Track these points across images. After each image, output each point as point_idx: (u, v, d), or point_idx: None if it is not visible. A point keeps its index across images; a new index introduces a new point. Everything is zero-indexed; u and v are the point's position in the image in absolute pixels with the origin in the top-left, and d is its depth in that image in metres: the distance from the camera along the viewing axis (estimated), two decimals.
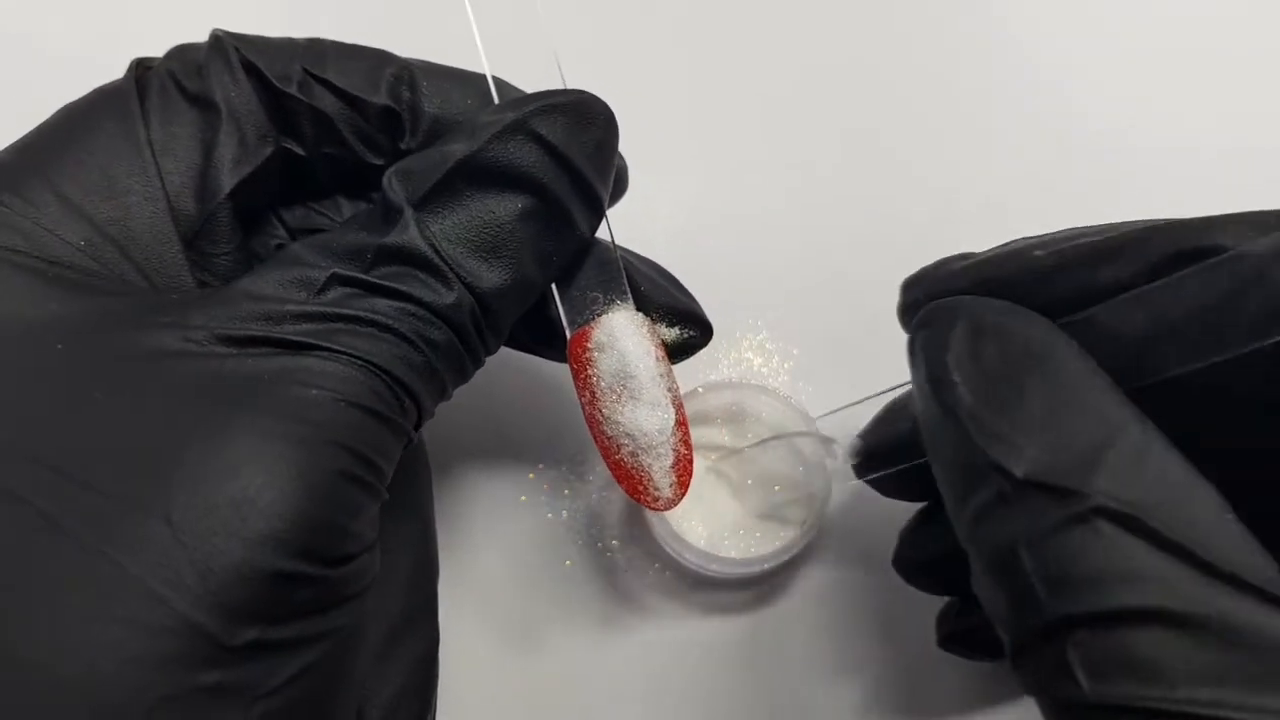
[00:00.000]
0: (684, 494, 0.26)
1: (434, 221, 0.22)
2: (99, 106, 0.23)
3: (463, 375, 0.24)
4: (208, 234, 0.23)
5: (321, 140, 0.25)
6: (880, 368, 0.34)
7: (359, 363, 0.20)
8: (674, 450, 0.26)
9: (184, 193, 0.23)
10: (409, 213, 0.22)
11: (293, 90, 0.24)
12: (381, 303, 0.21)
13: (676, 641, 0.31)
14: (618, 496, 0.32)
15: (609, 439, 0.26)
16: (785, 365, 0.34)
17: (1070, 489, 0.18)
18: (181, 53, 0.24)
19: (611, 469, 0.26)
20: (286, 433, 0.19)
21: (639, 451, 0.26)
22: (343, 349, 0.20)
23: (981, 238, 0.24)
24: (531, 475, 0.33)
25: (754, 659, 0.31)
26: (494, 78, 0.25)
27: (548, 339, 0.27)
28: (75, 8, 0.37)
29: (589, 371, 0.25)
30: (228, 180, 0.23)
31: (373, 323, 0.21)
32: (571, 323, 0.26)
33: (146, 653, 0.16)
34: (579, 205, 0.24)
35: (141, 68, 0.24)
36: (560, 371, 0.33)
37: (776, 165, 0.37)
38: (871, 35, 0.39)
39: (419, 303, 0.22)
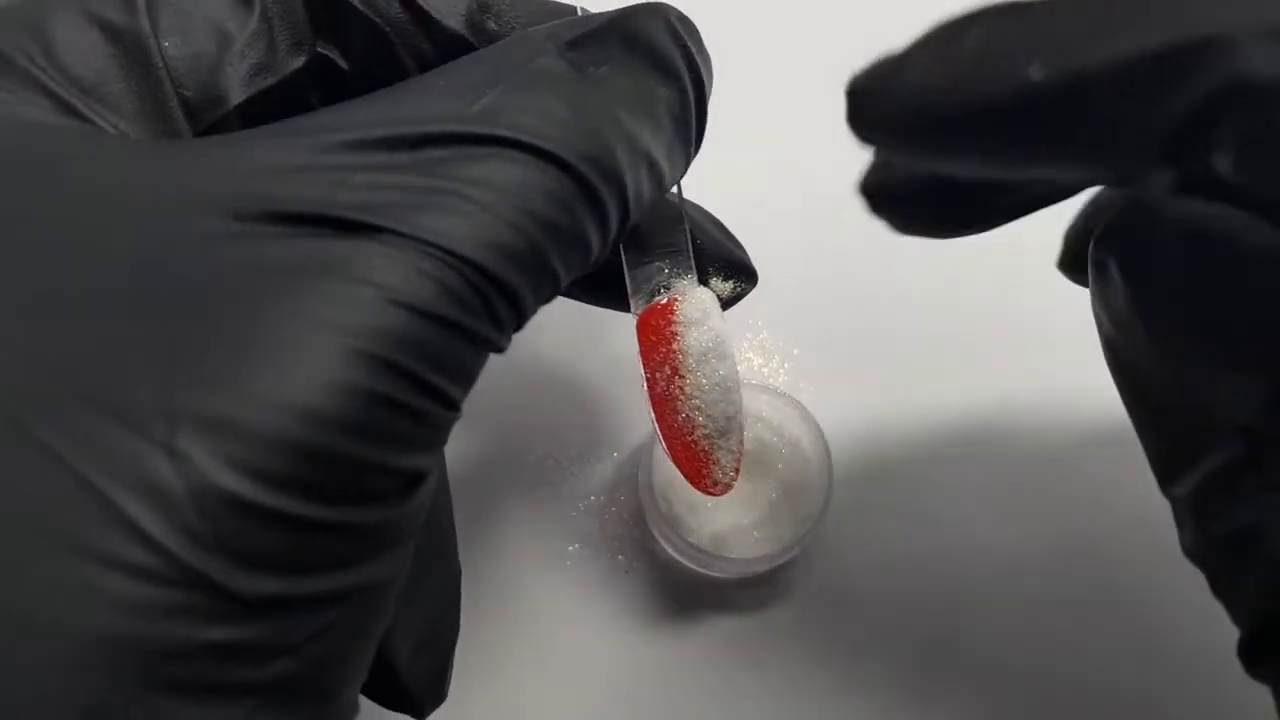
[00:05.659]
0: (735, 482, 0.25)
1: (588, 64, 0.19)
2: None
3: (586, 260, 0.19)
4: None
5: (371, 58, 0.21)
6: (881, 367, 0.34)
7: (431, 249, 0.16)
8: (738, 438, 0.25)
9: (187, 81, 0.20)
10: (560, 46, 0.19)
11: None
12: (484, 168, 0.17)
13: (675, 641, 0.31)
14: (618, 495, 0.32)
15: (684, 418, 0.24)
16: (785, 365, 0.34)
17: None
18: None
19: (676, 451, 0.24)
20: (313, 344, 0.15)
21: (714, 435, 0.24)
22: (412, 232, 0.16)
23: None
24: (532, 473, 0.33)
25: (753, 659, 0.31)
26: (581, 9, 0.23)
27: (605, 287, 0.25)
28: None
29: (673, 346, 0.24)
30: (237, 94, 0.20)
31: (465, 196, 0.17)
32: (633, 279, 0.24)
33: (134, 599, 0.14)
34: (697, 126, 0.21)
35: None
36: (563, 365, 0.33)
37: (776, 164, 0.37)
38: (874, 32, 0.39)
39: (540, 153, 0.17)
